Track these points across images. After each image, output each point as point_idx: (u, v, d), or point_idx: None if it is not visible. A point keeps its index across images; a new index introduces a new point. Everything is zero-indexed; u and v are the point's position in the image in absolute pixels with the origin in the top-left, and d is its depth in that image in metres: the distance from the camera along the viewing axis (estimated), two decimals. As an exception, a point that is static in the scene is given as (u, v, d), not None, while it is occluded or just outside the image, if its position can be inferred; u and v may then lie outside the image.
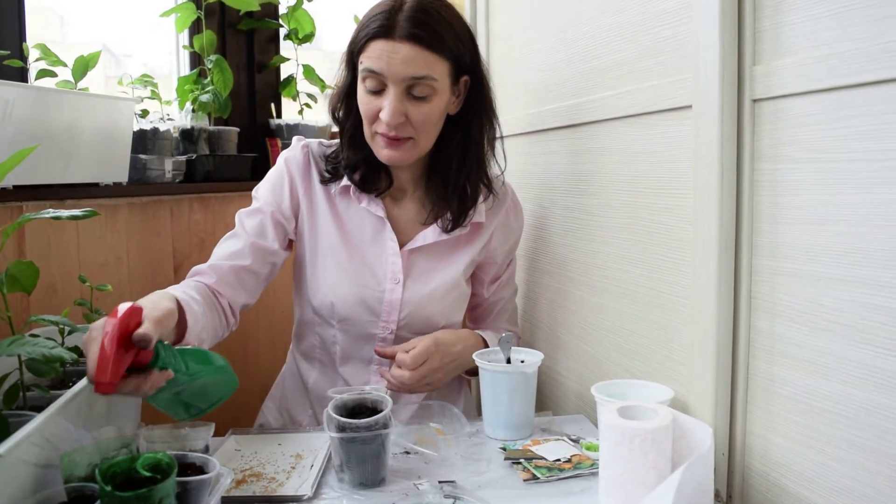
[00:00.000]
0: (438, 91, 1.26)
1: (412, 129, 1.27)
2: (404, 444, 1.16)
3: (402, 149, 1.29)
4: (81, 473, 0.86)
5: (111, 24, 1.94)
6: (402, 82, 1.23)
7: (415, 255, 1.39)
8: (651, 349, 1.20)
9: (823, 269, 0.87)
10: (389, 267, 1.37)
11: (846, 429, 0.85)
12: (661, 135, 1.14)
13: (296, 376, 1.49)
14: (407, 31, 1.20)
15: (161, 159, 1.77)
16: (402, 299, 1.37)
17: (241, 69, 2.07)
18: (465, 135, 1.36)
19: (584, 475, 1.07)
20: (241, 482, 1.04)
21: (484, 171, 1.40)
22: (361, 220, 1.39)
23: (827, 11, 0.85)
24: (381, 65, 1.22)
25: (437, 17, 1.24)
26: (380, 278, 1.37)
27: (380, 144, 1.29)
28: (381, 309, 1.37)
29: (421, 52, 1.22)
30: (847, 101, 0.83)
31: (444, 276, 1.40)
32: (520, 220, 1.52)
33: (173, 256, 1.82)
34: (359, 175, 1.37)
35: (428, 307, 1.38)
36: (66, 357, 0.89)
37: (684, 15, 1.07)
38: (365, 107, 1.27)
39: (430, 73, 1.23)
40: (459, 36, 1.28)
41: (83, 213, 1.01)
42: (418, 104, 1.25)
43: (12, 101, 1.34)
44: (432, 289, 1.38)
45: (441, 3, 1.27)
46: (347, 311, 1.36)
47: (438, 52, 1.24)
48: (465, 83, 1.32)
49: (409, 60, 1.21)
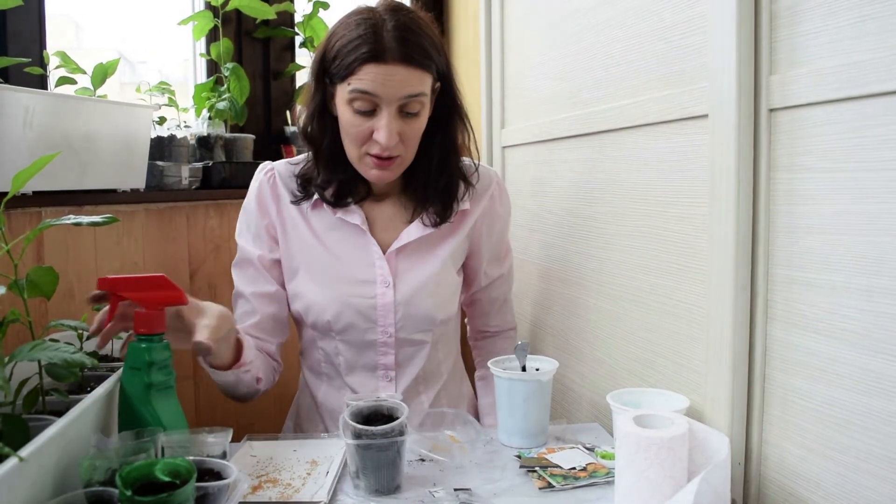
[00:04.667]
0: (426, 104, 1.27)
1: (402, 147, 1.27)
2: (419, 451, 1.16)
3: (391, 168, 1.29)
4: (101, 478, 0.86)
5: (127, 30, 1.96)
6: (396, 102, 1.22)
7: (400, 254, 1.38)
8: (666, 358, 1.20)
9: (840, 279, 0.87)
10: (377, 272, 1.36)
11: (863, 438, 0.85)
12: (677, 144, 1.15)
13: (306, 393, 1.49)
14: (400, 52, 1.20)
15: (178, 166, 1.79)
16: (394, 301, 1.36)
17: (257, 77, 2.08)
18: (444, 135, 1.36)
19: (600, 484, 1.07)
20: (258, 488, 1.05)
21: (459, 169, 1.40)
22: (340, 231, 1.38)
23: (843, 21, 0.85)
24: (375, 87, 1.20)
25: (419, 32, 1.23)
26: (369, 285, 1.36)
27: (369, 165, 1.28)
28: (375, 315, 1.36)
29: (414, 72, 1.22)
30: (864, 110, 0.83)
31: (433, 269, 1.39)
32: (506, 205, 1.50)
33: (189, 262, 1.83)
34: (332, 191, 1.36)
35: (422, 304, 1.37)
36: (86, 362, 0.90)
37: (700, 24, 1.07)
38: (354, 129, 1.25)
39: (422, 90, 1.24)
40: (437, 46, 1.28)
41: (103, 220, 1.02)
42: (410, 121, 1.25)
43: (32, 109, 1.36)
44: (423, 284, 1.37)
45: (416, 16, 1.26)
46: (343, 323, 1.35)
47: (427, 68, 1.24)
48: (437, 88, 1.32)
49: (405, 81, 1.21)
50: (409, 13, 1.25)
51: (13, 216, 1.45)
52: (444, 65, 1.31)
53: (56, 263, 1.49)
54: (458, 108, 1.37)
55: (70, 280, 1.56)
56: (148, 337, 1.02)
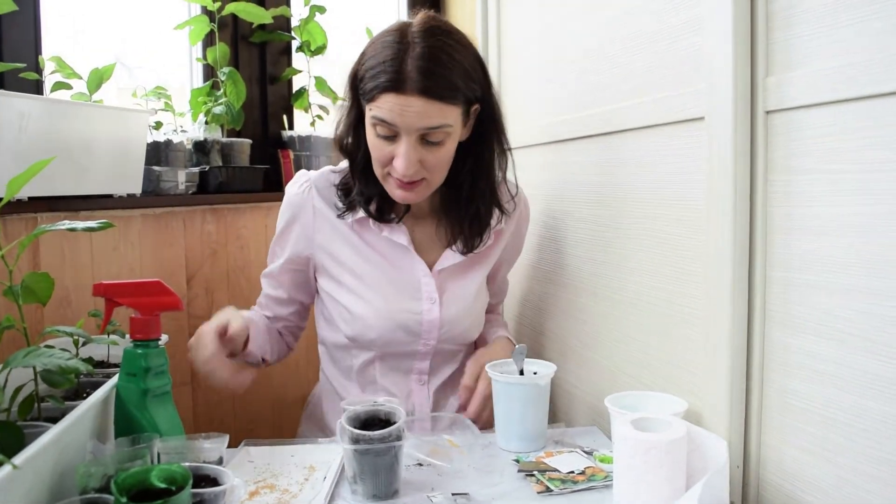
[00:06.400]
0: (452, 134, 1.24)
1: (426, 172, 1.25)
2: (417, 455, 1.16)
3: (415, 190, 1.27)
4: (96, 485, 0.86)
5: (123, 35, 1.96)
6: (415, 132, 1.20)
7: (444, 273, 1.40)
8: (664, 360, 1.20)
9: (838, 280, 0.87)
10: (424, 289, 1.38)
11: (862, 440, 0.85)
12: (674, 146, 1.14)
13: (332, 394, 1.49)
14: (419, 84, 1.16)
15: (174, 171, 1.78)
16: (440, 318, 1.38)
17: (253, 81, 2.08)
18: (476, 160, 1.34)
19: (598, 487, 1.06)
20: (255, 493, 1.04)
21: (495, 194, 1.39)
22: (386, 249, 1.38)
23: (839, 23, 0.85)
24: (393, 117, 1.18)
25: (447, 61, 1.19)
26: (416, 301, 1.37)
27: (392, 185, 1.28)
28: (420, 329, 1.38)
29: (434, 105, 1.18)
30: (860, 112, 0.83)
31: (472, 288, 1.43)
32: (527, 223, 1.55)
33: (186, 267, 1.82)
34: (374, 206, 1.36)
35: (463, 321, 1.41)
36: (81, 368, 0.89)
37: (697, 27, 1.07)
38: (377, 151, 1.25)
39: (444, 122, 1.21)
40: (470, 73, 1.24)
41: (99, 225, 1.02)
42: (433, 149, 1.23)
43: (28, 114, 1.35)
44: (466, 303, 1.41)
45: (449, 41, 1.22)
46: (387, 338, 1.37)
47: (451, 101, 1.20)
48: (475, 111, 1.30)
49: (423, 114, 1.18)
50: (442, 37, 1.21)
51: (9, 222, 1.45)
52: (481, 90, 1.28)
53: (52, 269, 1.49)
54: (497, 132, 1.34)
55: (66, 286, 1.56)
56: (144, 342, 1.02)
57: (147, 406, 1.01)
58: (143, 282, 1.05)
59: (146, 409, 1.01)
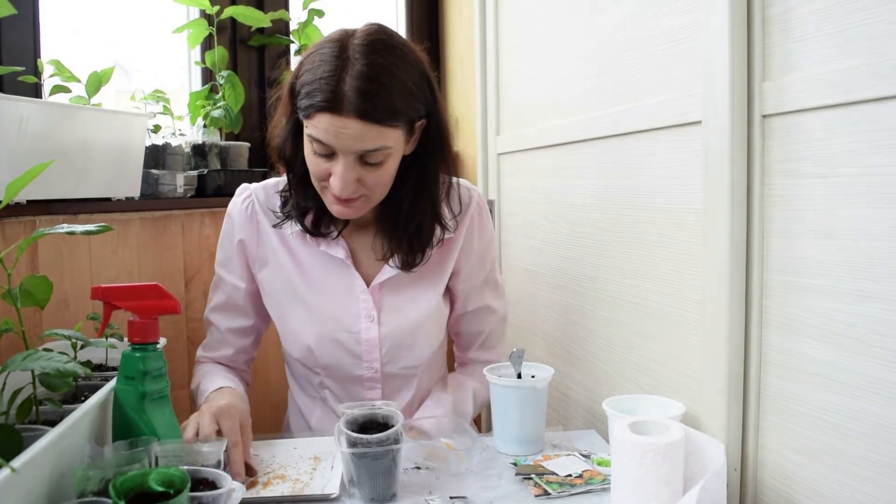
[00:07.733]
0: (394, 153, 1.18)
1: (365, 189, 1.19)
2: (415, 459, 1.16)
3: (353, 206, 1.21)
4: (94, 488, 0.86)
5: (121, 39, 1.96)
6: (352, 154, 1.14)
7: (384, 287, 1.33)
8: (662, 364, 1.20)
9: (835, 284, 0.87)
10: (361, 306, 1.31)
11: (859, 444, 0.85)
12: (671, 150, 1.15)
13: (298, 415, 1.45)
14: (357, 106, 1.09)
15: (173, 174, 1.78)
16: (379, 336, 1.31)
17: (252, 85, 2.08)
18: (420, 175, 1.27)
19: (596, 490, 1.06)
20: (268, 484, 1.08)
21: (437, 212, 1.30)
22: (323, 263, 1.33)
23: (835, 27, 0.86)
24: (328, 138, 1.12)
25: (387, 81, 1.11)
26: (353, 319, 1.31)
27: (331, 200, 1.21)
28: (360, 350, 1.31)
29: (372, 128, 1.11)
30: (857, 116, 0.83)
31: (420, 302, 1.34)
32: (485, 223, 1.40)
33: (184, 271, 1.82)
34: (311, 219, 1.30)
35: (408, 338, 1.32)
36: (79, 371, 0.89)
37: (694, 31, 1.08)
38: (314, 167, 1.18)
39: (383, 145, 1.14)
40: (414, 92, 1.16)
41: (97, 228, 1.02)
42: (371, 169, 1.16)
43: (27, 117, 1.35)
44: (410, 319, 1.32)
45: (391, 58, 1.13)
46: (327, 357, 1.32)
47: (391, 124, 1.13)
48: (420, 126, 1.22)
49: (360, 137, 1.11)
50: (385, 53, 1.13)
51: (7, 225, 1.45)
52: (426, 106, 1.20)
53: (50, 272, 1.49)
54: (442, 147, 1.27)
55: (64, 289, 1.56)
56: (142, 346, 1.02)
57: (145, 409, 1.01)
58: (142, 285, 1.05)
59: (144, 412, 1.01)
